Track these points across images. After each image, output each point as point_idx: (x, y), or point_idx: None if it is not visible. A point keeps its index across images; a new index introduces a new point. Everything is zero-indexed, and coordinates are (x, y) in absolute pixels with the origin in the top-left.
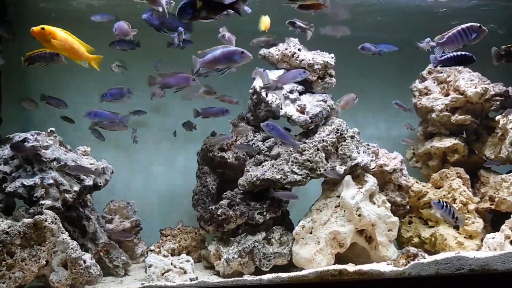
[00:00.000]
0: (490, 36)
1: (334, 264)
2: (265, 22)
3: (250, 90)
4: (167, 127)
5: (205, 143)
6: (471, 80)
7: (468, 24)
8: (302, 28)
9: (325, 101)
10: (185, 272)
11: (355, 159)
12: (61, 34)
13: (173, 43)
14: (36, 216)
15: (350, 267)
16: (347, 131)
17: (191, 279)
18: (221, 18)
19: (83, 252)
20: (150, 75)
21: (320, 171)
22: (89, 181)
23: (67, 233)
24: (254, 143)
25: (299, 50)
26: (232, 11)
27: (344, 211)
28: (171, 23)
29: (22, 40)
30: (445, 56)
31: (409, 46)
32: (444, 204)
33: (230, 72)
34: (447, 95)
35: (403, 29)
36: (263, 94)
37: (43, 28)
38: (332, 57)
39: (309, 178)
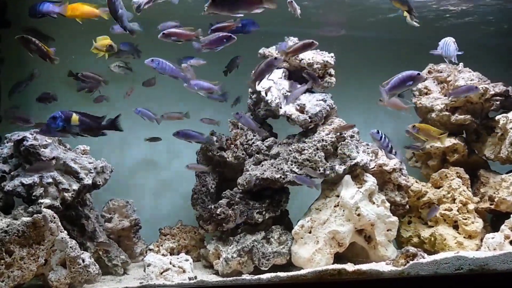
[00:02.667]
0: (490, 35)
1: (333, 263)
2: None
3: (250, 89)
4: (166, 126)
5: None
6: (471, 80)
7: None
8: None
9: (325, 101)
10: (184, 271)
11: (354, 159)
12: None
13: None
14: (35, 215)
15: (349, 267)
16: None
17: (190, 278)
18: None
19: (82, 251)
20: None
21: (319, 170)
22: (88, 180)
23: (66, 232)
24: (253, 143)
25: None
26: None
27: (344, 210)
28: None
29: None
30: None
31: (408, 45)
32: (383, 135)
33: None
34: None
35: (404, 28)
36: (263, 93)
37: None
38: (332, 57)
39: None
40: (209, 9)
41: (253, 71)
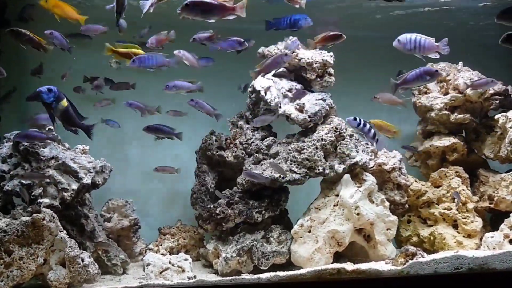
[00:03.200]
0: (489, 34)
1: (332, 263)
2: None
3: (249, 89)
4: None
5: (204, 141)
6: (470, 79)
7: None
8: None
9: (324, 100)
10: (183, 271)
11: (354, 158)
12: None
13: None
14: (34, 215)
15: (349, 266)
16: (346, 129)
17: (189, 278)
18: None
19: (81, 251)
20: None
21: (318, 169)
22: (87, 180)
23: (65, 231)
24: (253, 142)
25: (298, 48)
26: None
27: (343, 210)
28: None
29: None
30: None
31: None
32: (361, 121)
33: (229, 70)
34: (446, 93)
35: (403, 27)
36: (262, 92)
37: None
38: (331, 56)
39: (307, 177)
40: (182, 13)
41: (260, 64)
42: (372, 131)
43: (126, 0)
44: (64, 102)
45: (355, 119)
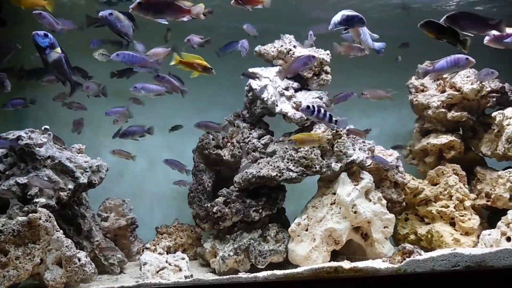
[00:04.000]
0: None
1: (330, 261)
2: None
3: (246, 87)
4: (162, 124)
5: (201, 140)
6: (467, 77)
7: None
8: None
9: (321, 98)
10: (180, 270)
11: (350, 156)
12: None
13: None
14: (30, 214)
15: (346, 264)
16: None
17: (186, 277)
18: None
19: (78, 250)
20: None
21: (315, 168)
22: (83, 179)
23: (61, 231)
24: (249, 141)
25: (294, 47)
26: None
27: (340, 208)
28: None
29: (17, 37)
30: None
31: (403, 42)
32: (316, 108)
33: (227, 70)
34: (443, 91)
35: (401, 25)
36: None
37: None
38: (327, 54)
39: (304, 175)
40: (134, 11)
41: (284, 65)
42: (328, 114)
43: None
44: (58, 50)
45: (308, 107)
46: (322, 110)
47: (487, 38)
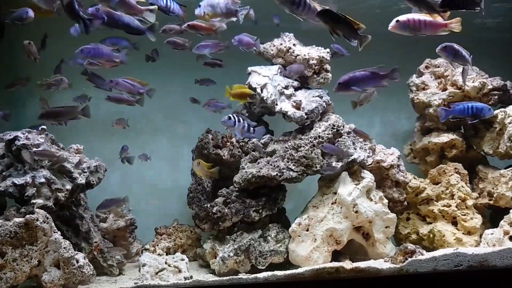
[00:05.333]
0: (488, 29)
1: (331, 261)
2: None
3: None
4: (161, 125)
5: (200, 140)
6: (469, 75)
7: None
8: None
9: (321, 97)
10: (179, 271)
11: (351, 155)
12: None
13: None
14: (28, 216)
15: (347, 265)
16: (343, 127)
17: (185, 278)
18: None
19: (76, 252)
20: None
21: (316, 167)
22: (81, 180)
23: (59, 232)
24: (249, 140)
25: (294, 45)
26: None
27: (341, 208)
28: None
29: (14, 38)
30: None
31: (405, 40)
32: (236, 118)
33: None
34: (444, 89)
35: None
36: (258, 90)
37: None
38: (327, 52)
39: (305, 174)
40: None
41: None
42: (246, 124)
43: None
44: None
45: (229, 118)
46: (242, 120)
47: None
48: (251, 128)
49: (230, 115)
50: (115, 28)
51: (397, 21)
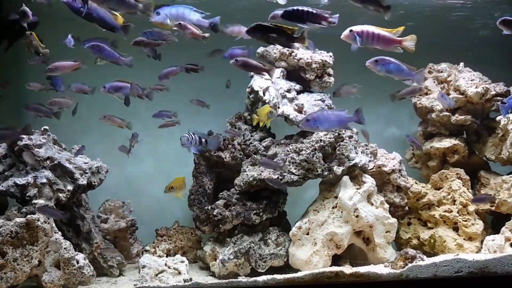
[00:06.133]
0: (491, 34)
1: (331, 265)
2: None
3: (247, 89)
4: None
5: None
6: (471, 80)
7: None
8: None
9: (323, 101)
10: (179, 273)
11: (353, 160)
12: None
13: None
14: (29, 216)
15: (347, 269)
16: (345, 131)
17: (185, 280)
18: None
19: (76, 252)
20: None
21: (317, 171)
22: (83, 181)
23: (60, 232)
24: (251, 143)
25: (297, 48)
26: None
27: (342, 212)
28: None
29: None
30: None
31: None
32: (191, 135)
33: (228, 71)
34: (447, 95)
35: (398, 26)
36: (261, 93)
37: None
38: (330, 56)
39: (306, 178)
40: None
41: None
42: (197, 138)
43: None
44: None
45: (187, 139)
46: (194, 136)
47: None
48: (203, 140)
49: (186, 134)
50: (90, 21)
51: (351, 30)
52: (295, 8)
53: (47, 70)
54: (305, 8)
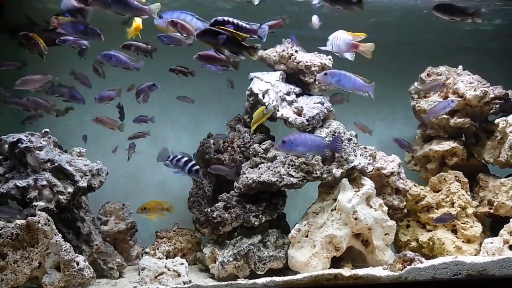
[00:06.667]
0: (490, 38)
1: (330, 268)
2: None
3: (247, 92)
4: (162, 128)
5: (201, 144)
6: (470, 83)
7: None
8: None
9: (322, 103)
10: (179, 275)
11: (352, 162)
12: None
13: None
14: (29, 218)
15: (346, 272)
16: (344, 133)
17: (184, 282)
18: None
19: (76, 254)
20: None
21: (316, 174)
22: (83, 183)
23: (60, 234)
24: (250, 145)
25: (296, 51)
26: None
27: (341, 214)
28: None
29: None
30: None
31: (407, 47)
32: (172, 156)
33: (228, 74)
34: (446, 98)
35: (399, 29)
36: (260, 95)
37: None
38: (329, 59)
39: (305, 181)
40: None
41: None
42: (183, 160)
43: None
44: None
45: (169, 159)
46: (179, 155)
47: None
48: (181, 161)
49: (169, 156)
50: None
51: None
52: (225, 18)
53: (15, 84)
54: (235, 20)
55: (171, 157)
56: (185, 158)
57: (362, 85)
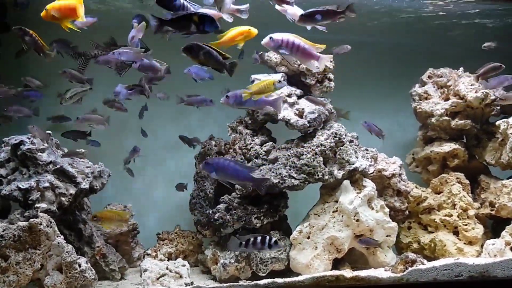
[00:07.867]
0: (490, 39)
1: (331, 269)
2: None
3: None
4: (164, 129)
5: (203, 146)
6: (471, 85)
7: None
8: None
9: (324, 105)
10: (180, 277)
11: (353, 164)
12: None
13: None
14: (31, 219)
15: (347, 273)
16: (345, 135)
17: (186, 284)
18: None
19: (78, 256)
20: None
21: (318, 175)
22: (85, 185)
23: (62, 236)
24: (252, 147)
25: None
26: None
27: (342, 216)
28: None
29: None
30: None
31: (407, 50)
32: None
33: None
34: (447, 99)
35: (399, 32)
36: None
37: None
38: (330, 61)
39: (307, 182)
40: None
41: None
42: (259, 240)
43: None
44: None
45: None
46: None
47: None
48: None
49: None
50: None
51: (271, 38)
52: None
53: None
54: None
55: (243, 243)
56: (259, 238)
57: (266, 101)
